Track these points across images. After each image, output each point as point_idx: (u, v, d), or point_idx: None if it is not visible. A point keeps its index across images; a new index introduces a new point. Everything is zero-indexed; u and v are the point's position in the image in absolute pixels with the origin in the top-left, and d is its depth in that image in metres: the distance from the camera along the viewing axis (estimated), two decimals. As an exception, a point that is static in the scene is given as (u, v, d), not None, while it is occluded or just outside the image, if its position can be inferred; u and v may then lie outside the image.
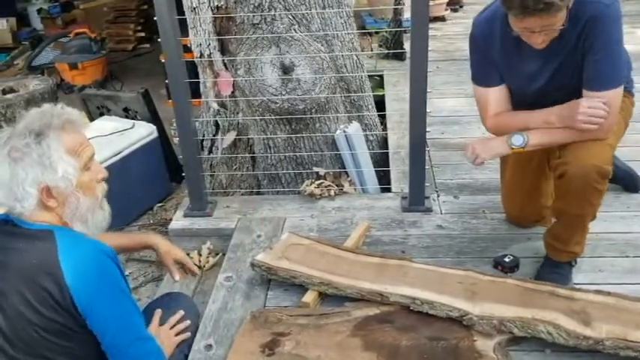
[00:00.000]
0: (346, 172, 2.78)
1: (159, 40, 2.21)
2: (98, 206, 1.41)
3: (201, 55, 2.78)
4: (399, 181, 2.68)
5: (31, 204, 1.30)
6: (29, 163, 1.29)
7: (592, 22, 1.65)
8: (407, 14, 3.56)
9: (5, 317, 1.29)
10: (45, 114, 1.35)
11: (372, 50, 4.48)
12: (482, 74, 1.91)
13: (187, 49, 2.64)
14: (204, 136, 2.97)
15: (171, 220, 2.54)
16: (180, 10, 2.30)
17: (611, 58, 1.69)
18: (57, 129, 1.33)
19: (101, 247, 1.34)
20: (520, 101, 1.90)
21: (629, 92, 1.90)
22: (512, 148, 1.80)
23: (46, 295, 1.26)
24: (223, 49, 2.72)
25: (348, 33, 2.79)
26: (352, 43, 2.86)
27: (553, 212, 1.90)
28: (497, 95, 1.89)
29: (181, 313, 1.71)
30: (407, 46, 2.45)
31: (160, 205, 3.18)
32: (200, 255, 2.37)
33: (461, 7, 5.71)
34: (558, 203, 1.84)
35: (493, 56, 1.85)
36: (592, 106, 1.68)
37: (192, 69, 2.70)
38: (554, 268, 1.91)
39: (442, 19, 5.34)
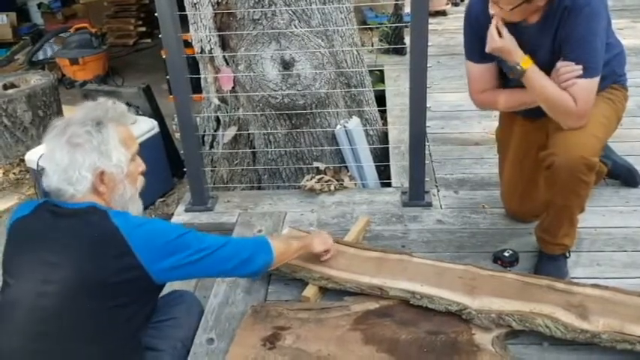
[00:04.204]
0: (346, 167, 2.79)
1: (160, 35, 2.22)
2: (137, 196, 1.51)
3: (202, 51, 2.78)
4: (399, 176, 2.69)
5: (84, 187, 1.38)
6: (89, 149, 1.37)
7: (568, 11, 1.69)
8: (407, 9, 3.56)
9: (55, 288, 1.31)
10: (102, 106, 1.46)
11: (372, 45, 4.48)
12: (474, 51, 1.95)
13: (188, 45, 2.65)
14: (205, 131, 2.98)
15: (172, 214, 2.55)
16: (180, 6, 2.30)
17: (584, 50, 1.70)
18: (114, 120, 1.44)
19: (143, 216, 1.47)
20: (509, 83, 1.93)
21: (622, 85, 1.92)
22: (516, 66, 1.77)
23: (113, 265, 1.32)
24: (224, 45, 2.73)
25: (349, 28, 2.80)
26: (352, 38, 2.86)
27: (544, 204, 1.92)
28: (485, 72, 1.95)
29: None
30: (407, 40, 2.45)
31: (161, 199, 3.20)
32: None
33: (462, 0, 5.70)
34: (547, 194, 1.86)
35: (485, 35, 1.88)
36: (565, 64, 1.73)
37: (193, 64, 2.71)
38: (549, 261, 1.94)
39: (443, 13, 5.34)
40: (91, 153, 1.37)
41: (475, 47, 1.93)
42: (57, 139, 1.38)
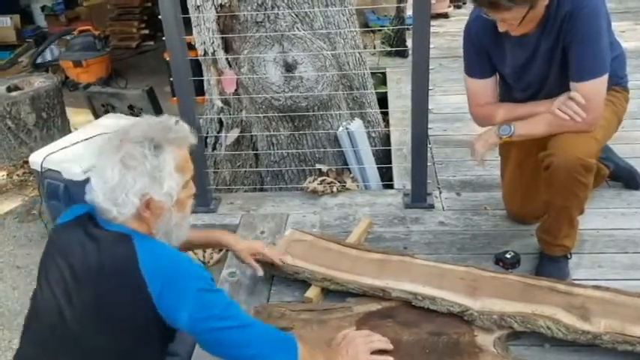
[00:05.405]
0: (349, 169, 2.81)
1: (163, 37, 2.24)
2: (185, 221, 1.41)
3: (205, 53, 2.80)
4: (402, 178, 2.70)
5: (129, 211, 1.29)
6: (141, 172, 1.28)
7: (570, 16, 1.70)
8: (409, 11, 3.57)
9: (74, 310, 1.27)
10: (164, 126, 1.34)
11: (374, 47, 4.49)
12: (474, 66, 1.96)
13: (191, 47, 2.67)
14: (208, 133, 3.00)
15: (175, 216, 2.56)
16: (184, 9, 2.32)
17: (589, 50, 1.72)
18: (174, 144, 1.32)
19: (178, 252, 1.35)
20: (516, 90, 1.95)
21: (623, 87, 1.93)
22: (501, 138, 1.86)
23: (129, 302, 1.24)
24: (227, 47, 2.75)
25: (351, 30, 2.81)
26: (355, 40, 2.88)
27: (545, 205, 1.93)
28: (485, 87, 1.96)
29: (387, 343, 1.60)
30: (409, 43, 2.47)
31: (164, 201, 3.21)
32: (204, 251, 2.39)
33: (464, 3, 5.71)
34: (546, 195, 1.87)
35: (487, 49, 1.90)
36: (567, 103, 1.75)
37: (196, 67, 2.73)
38: (551, 262, 1.94)
39: (445, 15, 5.35)
40: (143, 177, 1.27)
41: (476, 64, 1.94)
42: (110, 155, 1.29)
